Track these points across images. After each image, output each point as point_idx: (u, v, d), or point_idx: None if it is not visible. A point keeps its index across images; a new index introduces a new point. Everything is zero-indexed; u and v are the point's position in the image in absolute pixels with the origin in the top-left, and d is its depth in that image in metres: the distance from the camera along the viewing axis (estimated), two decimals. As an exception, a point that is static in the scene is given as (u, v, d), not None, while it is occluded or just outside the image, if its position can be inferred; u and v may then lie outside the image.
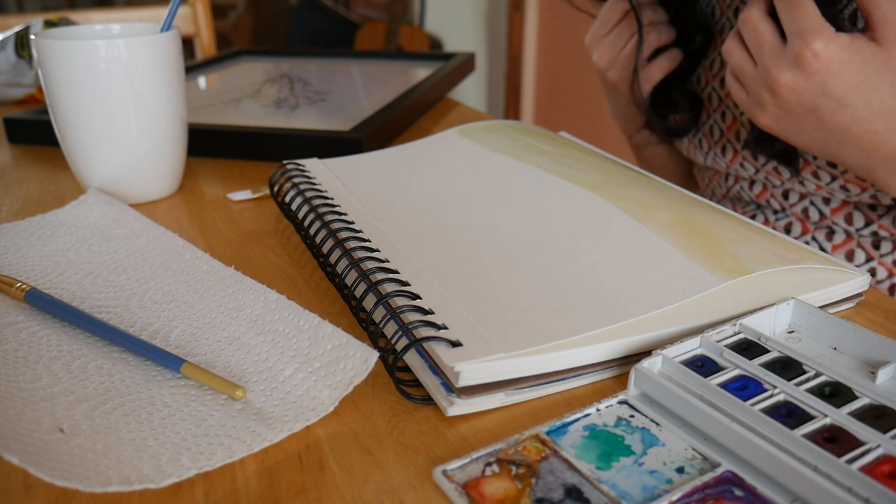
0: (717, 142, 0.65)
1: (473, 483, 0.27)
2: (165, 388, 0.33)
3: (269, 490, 0.28)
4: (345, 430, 0.31)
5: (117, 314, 0.39)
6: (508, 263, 0.38)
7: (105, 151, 0.54)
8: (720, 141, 0.65)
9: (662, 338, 0.34)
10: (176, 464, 0.28)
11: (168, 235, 0.46)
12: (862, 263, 0.60)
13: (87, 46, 0.51)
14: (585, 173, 0.49)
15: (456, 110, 0.84)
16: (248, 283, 0.40)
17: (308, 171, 0.52)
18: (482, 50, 2.76)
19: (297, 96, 0.81)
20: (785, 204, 0.63)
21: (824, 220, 0.61)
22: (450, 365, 0.30)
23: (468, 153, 0.54)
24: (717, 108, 0.65)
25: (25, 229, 0.49)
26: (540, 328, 0.32)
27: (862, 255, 0.60)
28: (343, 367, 0.33)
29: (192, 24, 1.31)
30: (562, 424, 0.30)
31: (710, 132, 0.66)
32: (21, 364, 0.34)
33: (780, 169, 0.60)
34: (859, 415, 0.29)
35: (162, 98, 0.54)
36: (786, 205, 0.63)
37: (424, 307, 0.34)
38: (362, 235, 0.42)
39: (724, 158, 0.65)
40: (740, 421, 0.29)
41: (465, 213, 0.44)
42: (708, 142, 0.66)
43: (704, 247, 0.39)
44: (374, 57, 1.02)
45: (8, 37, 0.85)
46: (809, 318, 0.35)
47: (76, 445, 0.29)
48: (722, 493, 0.26)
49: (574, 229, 0.41)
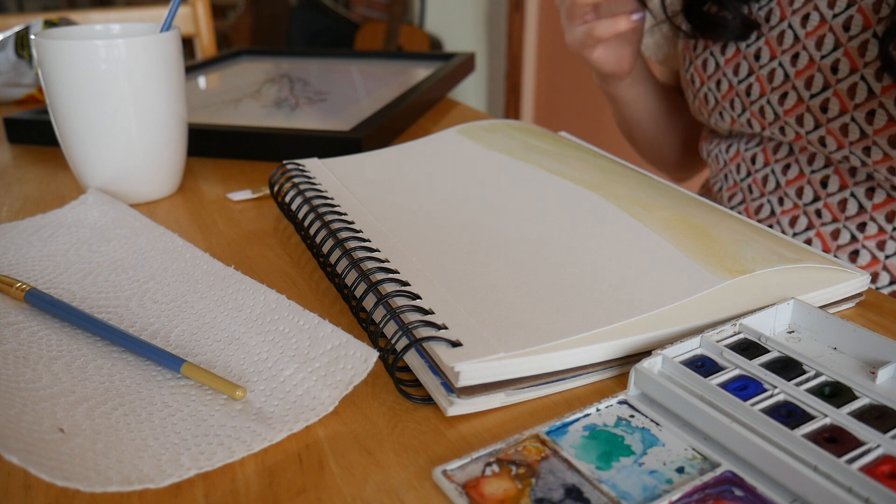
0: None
1: (473, 483, 0.27)
2: (165, 388, 0.33)
3: (269, 490, 0.28)
4: (345, 430, 0.31)
5: (117, 314, 0.39)
6: (508, 263, 0.38)
7: (105, 151, 0.54)
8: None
9: (662, 338, 0.34)
10: (176, 464, 0.28)
11: (168, 235, 0.46)
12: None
13: (87, 46, 0.51)
14: (585, 172, 0.49)
15: (456, 110, 0.84)
16: (248, 283, 0.40)
17: (308, 171, 0.52)
18: (482, 50, 2.76)
19: (297, 96, 0.81)
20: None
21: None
22: (450, 365, 0.30)
23: (468, 153, 0.54)
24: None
25: (25, 229, 0.49)
26: (540, 328, 0.32)
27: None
28: (343, 367, 0.33)
29: (192, 24, 1.31)
30: (562, 424, 0.30)
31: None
32: (21, 364, 0.34)
33: (785, 129, 0.59)
34: (859, 415, 0.29)
35: (162, 98, 0.54)
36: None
37: (424, 307, 0.34)
38: (362, 235, 0.42)
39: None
40: (740, 421, 0.29)
41: (465, 213, 0.44)
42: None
43: (704, 246, 0.39)
44: (374, 57, 1.02)
45: (8, 37, 0.85)
46: (809, 318, 0.35)
47: (76, 445, 0.29)
48: (722, 493, 0.26)
49: (574, 229, 0.41)
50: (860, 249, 0.59)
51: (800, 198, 0.62)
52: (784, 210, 0.64)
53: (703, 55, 0.66)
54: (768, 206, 0.65)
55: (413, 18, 2.85)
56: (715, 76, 0.65)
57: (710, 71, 0.65)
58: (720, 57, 0.64)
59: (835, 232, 0.60)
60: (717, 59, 0.64)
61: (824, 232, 0.61)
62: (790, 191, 0.63)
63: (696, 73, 0.67)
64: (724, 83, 0.64)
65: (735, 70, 0.63)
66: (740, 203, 0.68)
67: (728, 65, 0.64)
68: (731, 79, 0.63)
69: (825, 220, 0.61)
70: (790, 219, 0.63)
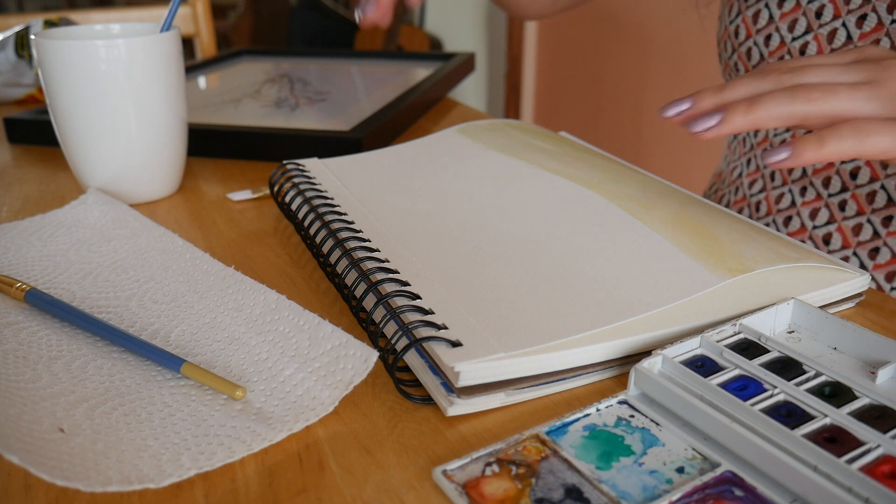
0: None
1: (473, 483, 0.27)
2: (165, 388, 0.33)
3: (269, 490, 0.28)
4: (345, 430, 0.31)
5: (117, 314, 0.39)
6: (508, 262, 0.38)
7: (105, 151, 0.54)
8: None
9: (662, 338, 0.34)
10: (176, 464, 0.28)
11: (168, 235, 0.46)
12: None
13: (87, 46, 0.51)
14: (585, 172, 0.49)
15: (456, 110, 0.84)
16: (248, 283, 0.40)
17: (308, 171, 0.52)
18: (482, 50, 2.76)
19: (297, 96, 0.81)
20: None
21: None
22: (450, 365, 0.30)
23: (468, 152, 0.54)
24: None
25: (25, 229, 0.49)
26: (540, 328, 0.32)
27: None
28: (343, 367, 0.33)
29: (192, 24, 1.31)
30: (562, 424, 0.30)
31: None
32: (21, 364, 0.34)
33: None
34: (859, 415, 0.29)
35: (162, 98, 0.54)
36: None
37: (424, 307, 0.34)
38: (362, 235, 0.42)
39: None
40: (740, 421, 0.29)
41: (465, 213, 0.44)
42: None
43: (704, 245, 0.39)
44: (374, 57, 1.02)
45: (8, 37, 0.85)
46: (809, 318, 0.35)
47: (76, 445, 0.29)
48: (722, 493, 0.26)
49: (574, 228, 0.41)
50: (881, 247, 0.57)
51: (826, 188, 0.59)
52: (805, 201, 0.60)
53: (756, 5, 0.61)
54: (789, 195, 0.62)
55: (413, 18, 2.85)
56: (766, 30, 0.60)
57: (762, 24, 0.60)
58: (776, 10, 0.59)
59: (857, 227, 0.58)
60: (773, 12, 0.59)
61: (846, 227, 0.58)
62: (816, 180, 0.59)
63: (743, 24, 0.62)
64: (774, 38, 0.59)
65: (791, 26, 0.58)
66: (760, 191, 0.64)
67: (784, 19, 0.59)
68: (785, 34, 0.58)
69: (849, 213, 0.58)
70: (811, 211, 0.60)
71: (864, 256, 0.58)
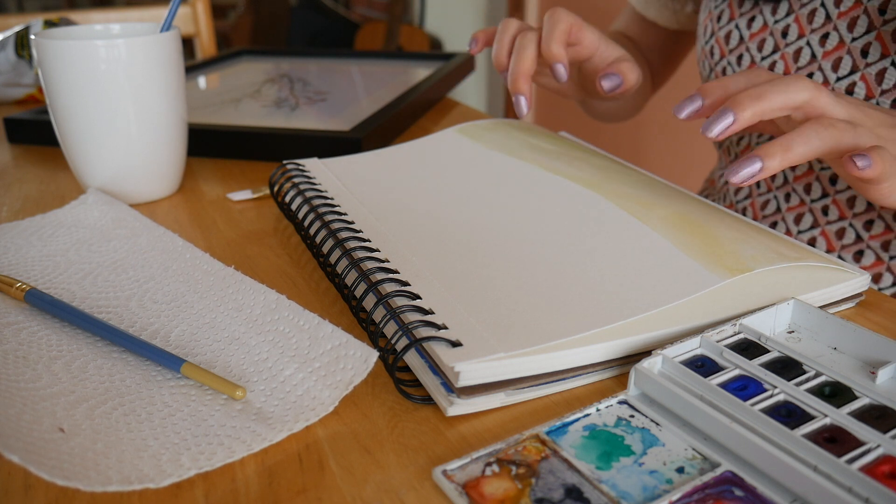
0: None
1: (473, 483, 0.27)
2: (165, 388, 0.33)
3: (269, 490, 0.28)
4: (345, 430, 0.31)
5: (117, 314, 0.39)
6: (508, 262, 0.38)
7: (105, 151, 0.54)
8: None
9: (662, 338, 0.34)
10: (176, 463, 0.28)
11: (168, 235, 0.46)
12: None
13: (87, 46, 0.51)
14: (585, 172, 0.49)
15: (456, 110, 0.84)
16: (248, 283, 0.40)
17: (308, 171, 0.52)
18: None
19: (297, 96, 0.81)
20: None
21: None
22: (450, 365, 0.30)
23: (468, 152, 0.54)
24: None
25: (25, 229, 0.49)
26: (540, 328, 0.32)
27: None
28: (343, 367, 0.33)
29: (192, 24, 1.31)
30: (562, 424, 0.30)
31: None
32: (21, 364, 0.34)
33: None
34: (859, 415, 0.29)
35: (162, 98, 0.54)
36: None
37: (424, 307, 0.34)
38: (362, 235, 0.42)
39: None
40: (740, 421, 0.29)
41: (465, 212, 0.44)
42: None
43: (704, 244, 0.39)
44: (374, 57, 1.02)
45: (8, 37, 0.85)
46: (809, 318, 0.35)
47: (76, 445, 0.29)
48: (722, 493, 0.26)
49: (574, 228, 0.41)
50: (865, 250, 0.58)
51: (808, 194, 0.61)
52: (790, 207, 0.62)
53: (727, 27, 0.64)
54: (774, 202, 0.64)
55: (413, 18, 2.85)
56: (737, 50, 0.63)
57: (734, 44, 0.63)
58: (745, 31, 0.62)
59: (840, 231, 0.59)
60: (742, 33, 0.62)
61: (829, 231, 0.60)
62: (798, 186, 0.61)
63: (717, 45, 0.64)
64: (745, 58, 0.62)
65: (759, 46, 0.61)
66: (746, 198, 0.66)
67: (753, 39, 0.62)
68: (755, 54, 0.61)
69: (831, 217, 0.60)
70: (795, 216, 0.62)
71: (849, 259, 0.59)
